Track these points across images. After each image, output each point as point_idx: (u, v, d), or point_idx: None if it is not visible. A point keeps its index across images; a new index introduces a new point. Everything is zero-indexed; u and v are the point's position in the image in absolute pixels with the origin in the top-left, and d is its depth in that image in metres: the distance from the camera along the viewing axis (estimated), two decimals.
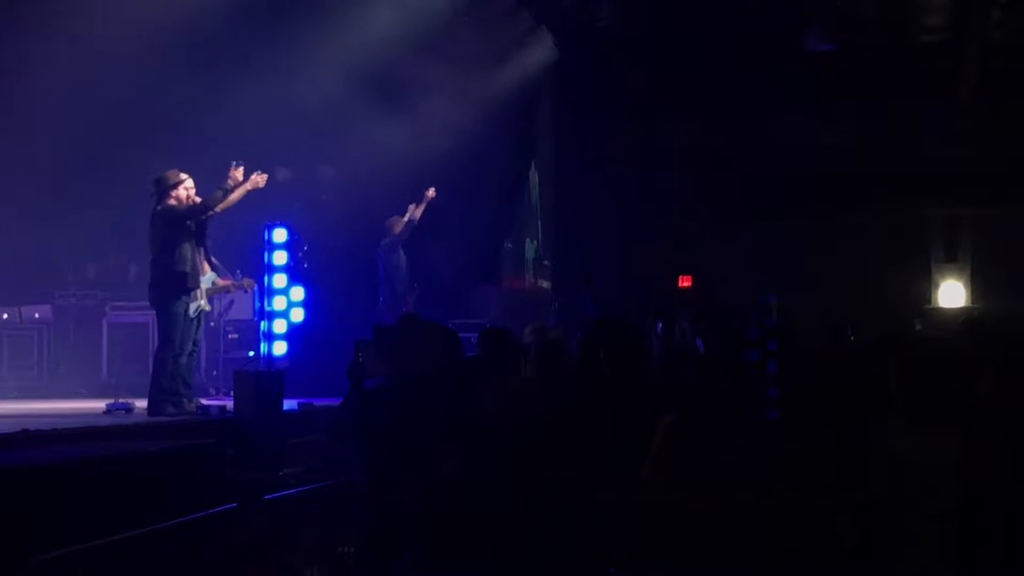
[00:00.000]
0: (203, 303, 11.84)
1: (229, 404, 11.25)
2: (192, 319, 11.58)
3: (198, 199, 11.55)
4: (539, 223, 21.29)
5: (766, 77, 20.50)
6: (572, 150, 21.36)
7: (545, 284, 21.11)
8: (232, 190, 11.50)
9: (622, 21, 19.72)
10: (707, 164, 21.64)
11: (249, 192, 11.88)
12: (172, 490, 8.07)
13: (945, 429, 5.47)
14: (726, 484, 5.62)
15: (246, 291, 14.26)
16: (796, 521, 5.66)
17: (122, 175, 14.04)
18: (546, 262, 21.17)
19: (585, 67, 20.36)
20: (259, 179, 11.94)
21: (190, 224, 11.46)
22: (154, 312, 11.96)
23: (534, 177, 21.24)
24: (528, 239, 21.21)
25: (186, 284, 11.37)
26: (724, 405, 5.89)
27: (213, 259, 12.24)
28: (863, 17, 20.41)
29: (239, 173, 11.46)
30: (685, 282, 21.76)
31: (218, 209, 11.75)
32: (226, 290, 13.29)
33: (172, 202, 11.44)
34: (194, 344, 11.84)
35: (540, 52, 19.54)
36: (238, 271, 13.78)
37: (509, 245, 20.68)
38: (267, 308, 14.68)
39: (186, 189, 11.51)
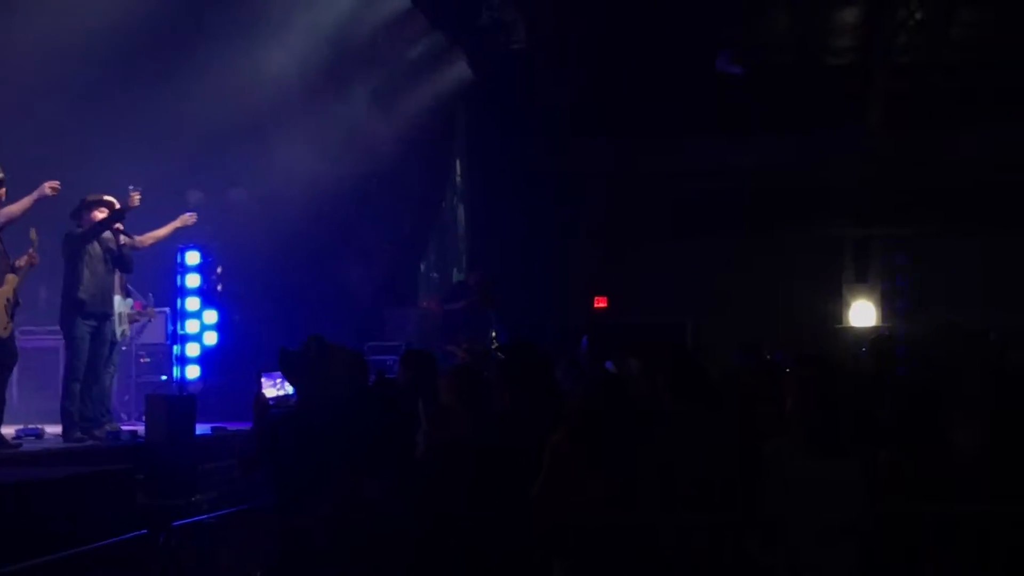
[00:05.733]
0: (126, 328, 11.75)
1: (141, 429, 11.11)
2: (107, 342, 11.42)
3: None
4: (464, 254, 21.35)
5: (679, 99, 20.66)
6: (487, 171, 21.39)
7: None
8: (124, 213, 11.37)
9: (537, 43, 19.78)
10: (621, 185, 21.78)
11: (178, 228, 12.27)
12: (82, 516, 7.97)
13: (842, 450, 5.52)
14: (643, 501, 5.66)
15: (151, 320, 14.11)
16: (711, 539, 5.71)
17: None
18: None
19: (500, 89, 20.40)
20: (188, 218, 12.26)
21: (89, 248, 11.29)
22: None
23: (460, 210, 21.32)
24: (455, 269, 21.27)
25: (84, 308, 11.16)
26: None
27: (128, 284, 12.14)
28: (773, 39, 20.67)
29: (136, 197, 11.30)
30: (600, 303, 21.84)
31: (147, 244, 12.04)
32: (133, 319, 13.12)
33: (77, 225, 11.33)
34: (113, 367, 11.72)
35: (454, 74, 19.56)
36: (150, 294, 13.62)
37: (435, 275, 20.71)
38: (180, 331, 14.54)
39: (101, 212, 11.36)
